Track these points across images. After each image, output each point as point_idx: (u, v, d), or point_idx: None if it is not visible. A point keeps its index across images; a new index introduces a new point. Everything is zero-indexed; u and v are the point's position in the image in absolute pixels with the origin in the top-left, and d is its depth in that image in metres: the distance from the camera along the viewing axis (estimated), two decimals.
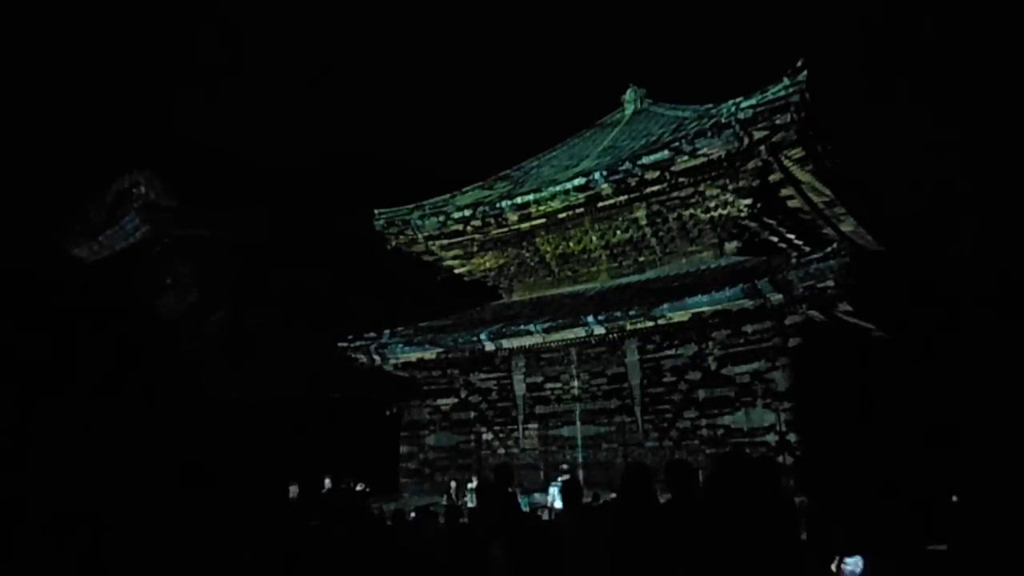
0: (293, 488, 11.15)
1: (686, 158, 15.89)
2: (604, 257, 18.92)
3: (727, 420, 14.55)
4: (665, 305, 14.34)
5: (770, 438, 13.75)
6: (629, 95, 22.15)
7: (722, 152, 15.48)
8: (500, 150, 25.01)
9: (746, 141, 15.07)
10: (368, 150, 36.72)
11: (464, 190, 21.01)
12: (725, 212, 16.83)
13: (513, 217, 18.82)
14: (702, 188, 16.66)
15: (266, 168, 29.69)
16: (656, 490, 4.18)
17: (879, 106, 34.21)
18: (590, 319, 15.29)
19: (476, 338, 17.08)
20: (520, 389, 17.86)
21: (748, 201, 16.37)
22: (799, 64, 14.19)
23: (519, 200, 18.42)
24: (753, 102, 14.64)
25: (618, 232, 18.35)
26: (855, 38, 37.25)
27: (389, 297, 21.47)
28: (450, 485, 16.23)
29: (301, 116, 46.09)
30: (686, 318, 14.27)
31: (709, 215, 17.08)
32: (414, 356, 18.42)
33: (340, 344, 18.90)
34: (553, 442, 17.16)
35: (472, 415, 18.76)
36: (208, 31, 39.41)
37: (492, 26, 45.70)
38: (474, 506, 12.58)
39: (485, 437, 18.48)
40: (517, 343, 16.77)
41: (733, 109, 15.00)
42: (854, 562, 5.48)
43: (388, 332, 18.93)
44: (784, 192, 16.78)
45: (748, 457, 6.82)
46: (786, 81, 14.23)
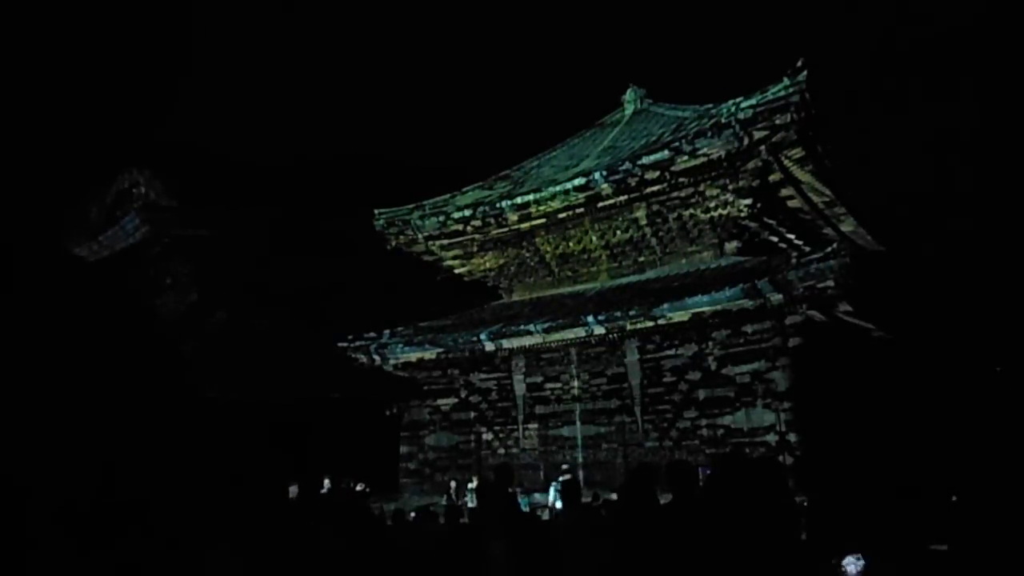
0: (293, 488, 11.12)
1: (686, 158, 15.90)
2: (604, 257, 18.91)
3: (727, 420, 14.56)
4: (665, 305, 14.35)
5: (770, 438, 13.76)
6: (629, 95, 22.12)
7: (722, 152, 15.49)
8: (500, 150, 25.05)
9: (746, 141, 15.08)
10: (369, 150, 36.75)
11: (464, 190, 21.01)
12: (725, 212, 16.83)
13: (513, 217, 18.82)
14: (702, 188, 16.66)
15: (266, 168, 29.73)
16: (656, 490, 4.19)
17: (879, 106, 34.23)
18: (590, 319, 15.29)
19: (476, 338, 17.09)
20: (520, 389, 17.86)
21: (748, 201, 16.38)
22: (799, 64, 14.20)
23: (519, 200, 18.42)
24: (753, 102, 14.64)
25: (618, 232, 18.34)
26: (855, 38, 37.27)
27: (389, 297, 21.45)
28: (450, 485, 16.20)
29: (301, 116, 46.16)
30: (686, 318, 14.27)
31: (709, 215, 17.08)
32: (414, 356, 18.42)
33: (340, 344, 18.90)
34: (553, 442, 17.16)
35: (472, 415, 18.76)
36: (208, 31, 39.45)
37: (492, 26, 45.73)
38: (474, 506, 12.59)
39: (485, 437, 18.47)
40: (517, 343, 16.77)
41: (733, 109, 15.01)
42: (854, 562, 5.47)
43: (388, 332, 18.93)
44: (784, 192, 16.79)
45: (749, 457, 6.81)
46: (786, 81, 14.24)
